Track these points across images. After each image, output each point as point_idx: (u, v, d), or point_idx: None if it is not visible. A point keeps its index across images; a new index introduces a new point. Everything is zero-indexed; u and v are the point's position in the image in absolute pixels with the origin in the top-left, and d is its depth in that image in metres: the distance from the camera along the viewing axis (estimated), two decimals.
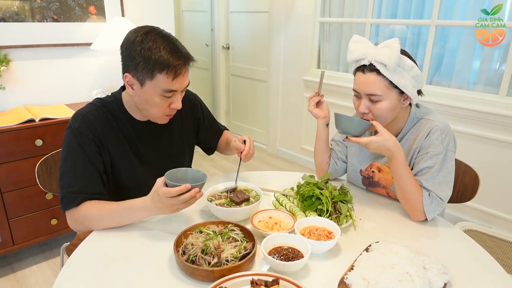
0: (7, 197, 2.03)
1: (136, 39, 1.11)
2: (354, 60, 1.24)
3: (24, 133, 2.00)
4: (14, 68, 2.30)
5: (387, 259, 0.92)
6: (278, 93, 3.90)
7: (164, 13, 2.82)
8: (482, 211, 2.60)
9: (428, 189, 1.21)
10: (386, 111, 1.22)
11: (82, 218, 1.14)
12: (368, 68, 1.20)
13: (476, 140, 2.52)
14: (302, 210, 1.23)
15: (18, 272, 2.15)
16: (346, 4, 3.27)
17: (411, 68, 1.19)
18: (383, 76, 1.18)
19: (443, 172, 1.21)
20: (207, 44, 4.67)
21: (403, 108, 1.27)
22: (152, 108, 1.18)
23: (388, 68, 1.16)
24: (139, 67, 1.10)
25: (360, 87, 1.22)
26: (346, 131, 1.23)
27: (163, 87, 1.12)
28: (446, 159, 1.21)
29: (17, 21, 2.25)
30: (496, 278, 0.98)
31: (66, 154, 1.18)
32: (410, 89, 1.21)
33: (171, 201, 1.03)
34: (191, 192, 1.02)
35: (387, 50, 1.15)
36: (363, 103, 1.23)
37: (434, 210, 1.20)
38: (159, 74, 1.10)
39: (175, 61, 1.09)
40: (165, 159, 1.35)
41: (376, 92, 1.19)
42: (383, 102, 1.20)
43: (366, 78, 1.20)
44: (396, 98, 1.21)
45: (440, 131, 1.23)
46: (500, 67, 2.50)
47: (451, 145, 1.24)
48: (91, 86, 2.64)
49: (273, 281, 0.88)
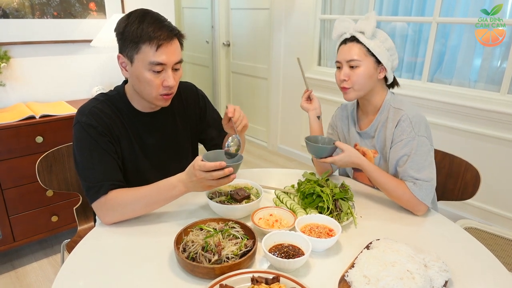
0: (7, 194, 2.03)
1: (124, 19, 1.15)
2: (339, 35, 1.39)
3: (25, 130, 2.00)
4: (14, 64, 2.30)
5: (388, 257, 0.92)
6: (278, 90, 3.89)
7: (165, 9, 2.82)
8: (483, 209, 2.60)
9: (411, 178, 1.25)
10: (364, 77, 1.33)
11: (116, 205, 1.14)
12: (349, 39, 1.35)
13: (477, 137, 2.52)
14: (302, 207, 1.23)
15: (19, 269, 2.16)
16: (347, 1, 3.26)
17: (385, 40, 1.34)
18: (361, 44, 1.32)
19: (420, 156, 1.26)
20: (208, 41, 4.66)
21: (379, 82, 1.37)
22: (145, 87, 1.17)
23: (366, 35, 1.31)
24: (126, 43, 1.13)
25: (341, 55, 1.36)
26: (315, 155, 1.37)
27: (149, 60, 1.12)
28: (421, 143, 1.27)
29: (17, 17, 2.24)
30: (497, 276, 0.97)
31: (80, 149, 1.17)
32: (385, 59, 1.33)
33: (205, 175, 1.05)
34: (225, 170, 1.04)
35: (365, 21, 1.32)
36: (343, 71, 1.35)
37: (426, 194, 1.23)
38: (143, 45, 1.11)
39: (157, 32, 1.11)
40: (169, 151, 1.35)
41: (354, 57, 1.32)
42: (360, 68, 1.32)
43: (347, 47, 1.35)
44: (372, 65, 1.33)
45: (409, 119, 1.29)
46: (502, 65, 2.49)
47: (422, 131, 1.29)
48: (92, 83, 2.63)
49: (274, 278, 0.88)
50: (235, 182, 1.35)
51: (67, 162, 1.54)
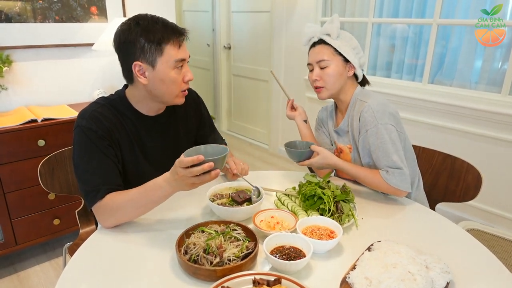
0: (9, 197, 2.03)
1: (129, 26, 1.15)
2: (307, 39, 1.48)
3: (27, 133, 2.01)
4: (16, 68, 2.31)
5: (389, 259, 0.92)
6: (279, 92, 3.90)
7: (166, 13, 2.84)
8: (485, 211, 2.59)
9: (385, 166, 1.31)
10: (334, 76, 1.41)
11: (110, 209, 1.13)
12: (317, 42, 1.44)
13: (478, 139, 2.52)
14: (304, 209, 1.23)
15: (21, 272, 2.16)
16: (347, 4, 3.26)
17: (350, 39, 1.42)
18: (328, 44, 1.41)
19: (386, 144, 1.31)
20: (209, 44, 4.68)
21: (349, 80, 1.44)
22: (169, 86, 1.20)
23: (332, 36, 1.40)
24: (145, 48, 1.14)
25: (312, 57, 1.45)
26: (294, 159, 1.46)
27: (174, 58, 1.17)
28: (384, 132, 1.32)
29: (19, 21, 2.26)
30: (499, 277, 0.97)
31: (80, 153, 1.18)
32: (351, 57, 1.41)
33: (184, 172, 0.99)
34: (204, 165, 0.98)
35: (329, 24, 1.40)
36: (314, 72, 1.44)
37: (400, 180, 1.29)
38: (166, 46, 1.15)
39: (173, 32, 1.17)
40: (170, 155, 1.35)
41: (323, 57, 1.40)
42: (330, 67, 1.40)
43: (317, 50, 1.44)
44: (341, 64, 1.41)
45: (371, 110, 1.34)
46: (503, 66, 2.49)
47: (385, 119, 1.33)
48: (93, 86, 2.64)
49: (275, 280, 0.88)
50: (236, 184, 1.36)
51: (69, 165, 1.55)
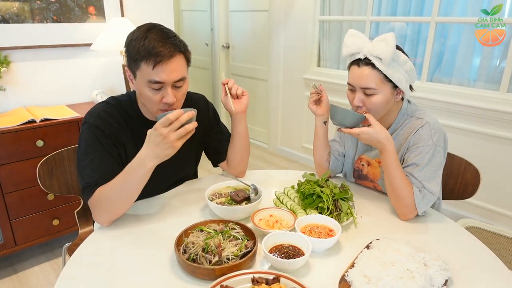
0: (8, 198, 2.03)
1: (130, 34, 1.15)
2: (350, 54, 1.25)
3: (25, 134, 2.00)
4: (14, 69, 2.31)
5: (388, 256, 0.92)
6: (278, 92, 3.90)
7: (164, 13, 2.82)
8: (483, 208, 2.59)
9: (419, 183, 1.21)
10: (380, 105, 1.23)
11: (101, 201, 1.13)
12: (363, 61, 1.21)
13: (476, 136, 2.52)
14: (302, 208, 1.23)
15: (20, 273, 2.16)
16: (345, 2, 3.26)
17: (405, 63, 1.21)
18: (378, 70, 1.20)
19: (432, 166, 1.22)
20: (207, 44, 4.67)
21: (395, 102, 1.29)
22: (146, 101, 1.19)
23: (384, 62, 1.18)
24: (130, 58, 1.14)
25: (355, 80, 1.24)
26: (340, 122, 1.25)
27: (147, 78, 1.11)
28: (436, 154, 1.23)
29: (17, 22, 2.25)
30: (498, 274, 0.97)
31: (85, 148, 1.20)
32: (404, 83, 1.23)
33: (167, 129, 1.02)
34: (186, 114, 1.02)
35: (383, 44, 1.17)
36: (357, 96, 1.25)
37: (426, 204, 1.21)
38: (141, 63, 1.11)
39: (156, 49, 1.08)
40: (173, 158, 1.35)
41: (370, 85, 1.21)
42: (377, 95, 1.22)
43: (361, 72, 1.22)
44: (389, 92, 1.23)
45: (429, 127, 1.24)
46: (501, 64, 2.49)
47: (440, 141, 1.25)
48: (91, 87, 2.64)
49: (274, 279, 0.88)
50: (235, 183, 1.36)
51: (68, 165, 1.55)
